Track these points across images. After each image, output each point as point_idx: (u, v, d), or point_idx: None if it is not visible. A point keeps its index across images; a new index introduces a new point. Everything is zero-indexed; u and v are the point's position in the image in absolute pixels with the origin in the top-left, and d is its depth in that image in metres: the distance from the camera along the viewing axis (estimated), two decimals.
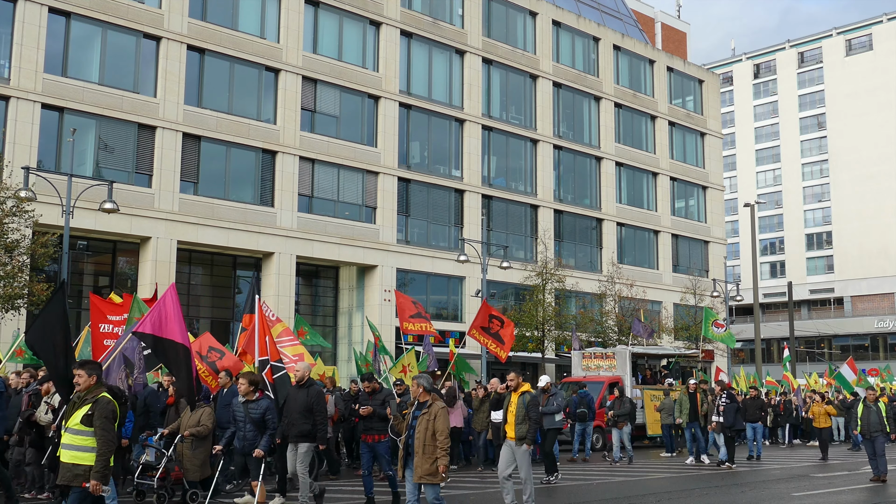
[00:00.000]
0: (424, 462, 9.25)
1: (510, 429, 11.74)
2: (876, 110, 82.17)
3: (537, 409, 11.95)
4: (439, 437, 9.23)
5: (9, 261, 22.63)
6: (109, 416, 7.61)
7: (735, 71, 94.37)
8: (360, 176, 35.88)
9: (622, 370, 26.08)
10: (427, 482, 9.28)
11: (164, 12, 31.22)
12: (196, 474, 11.49)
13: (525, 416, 11.62)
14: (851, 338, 79.81)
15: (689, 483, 16.64)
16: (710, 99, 52.56)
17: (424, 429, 9.31)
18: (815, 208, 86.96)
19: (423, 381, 9.69)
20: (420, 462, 9.28)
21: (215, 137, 32.04)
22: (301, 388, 11.87)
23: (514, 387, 11.91)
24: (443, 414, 9.33)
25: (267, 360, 12.27)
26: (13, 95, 27.62)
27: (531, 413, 11.69)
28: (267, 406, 10.97)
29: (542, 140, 42.43)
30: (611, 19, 49.65)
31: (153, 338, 10.81)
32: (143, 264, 30.43)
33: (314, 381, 12.27)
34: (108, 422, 7.59)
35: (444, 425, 9.28)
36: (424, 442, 9.27)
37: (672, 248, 48.29)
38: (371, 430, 12.86)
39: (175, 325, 10.84)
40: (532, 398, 11.82)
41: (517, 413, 11.65)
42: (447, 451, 9.26)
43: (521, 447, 11.63)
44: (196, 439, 11.39)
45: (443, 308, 38.42)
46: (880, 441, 16.79)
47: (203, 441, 11.40)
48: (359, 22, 36.69)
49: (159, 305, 11.01)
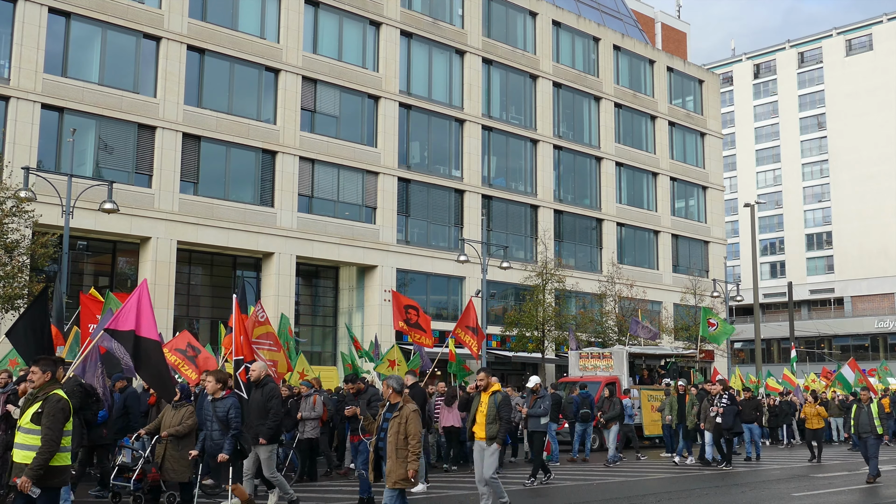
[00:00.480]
0: (398, 467, 8.97)
1: (479, 429, 11.48)
2: (876, 110, 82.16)
3: (510, 408, 11.63)
4: (411, 440, 8.93)
5: (9, 261, 22.63)
6: (58, 414, 7.18)
7: (735, 71, 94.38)
8: (360, 176, 35.88)
9: (619, 370, 26.06)
10: (401, 487, 9.03)
11: (164, 12, 31.22)
12: (176, 476, 11.04)
13: (496, 416, 11.36)
14: (851, 338, 79.80)
15: (689, 483, 16.64)
16: (710, 99, 52.56)
17: (396, 432, 9.01)
18: (815, 208, 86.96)
19: (393, 381, 9.39)
20: (393, 467, 9.01)
21: (215, 137, 32.04)
22: (257, 387, 11.65)
23: (485, 386, 11.64)
24: (414, 417, 9.02)
25: (241, 360, 12.06)
26: (13, 95, 27.62)
27: (503, 413, 11.41)
28: (231, 404, 10.51)
29: (542, 140, 42.43)
30: (611, 19, 49.65)
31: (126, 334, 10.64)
32: (143, 264, 30.43)
33: (270, 380, 12.01)
34: (54, 420, 7.14)
35: (415, 429, 8.97)
36: (396, 446, 8.99)
37: (672, 248, 48.28)
38: (357, 430, 12.78)
39: (147, 321, 10.69)
40: (504, 398, 11.55)
41: (488, 413, 11.41)
42: (418, 455, 8.99)
43: (491, 447, 11.36)
44: (177, 439, 11.00)
45: (443, 308, 38.41)
46: (871, 442, 16.66)
47: (184, 441, 11.04)
48: (359, 22, 36.69)
49: (132, 302, 10.85)
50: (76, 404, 10.55)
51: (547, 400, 16.64)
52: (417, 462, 8.95)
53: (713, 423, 19.66)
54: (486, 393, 11.58)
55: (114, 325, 10.80)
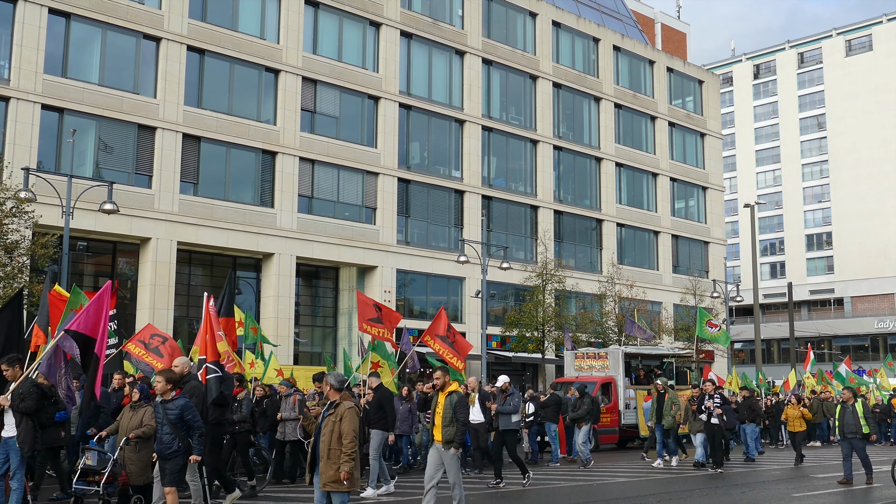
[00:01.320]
0: (329, 467, 8.55)
1: (437, 431, 10.99)
2: (876, 110, 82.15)
3: (466, 410, 11.16)
4: (344, 440, 8.51)
5: (9, 261, 22.63)
6: None
7: (735, 71, 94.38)
8: (360, 176, 35.89)
9: (615, 370, 26.03)
10: (333, 489, 8.57)
11: (164, 13, 31.23)
12: (140, 478, 10.70)
13: (452, 417, 10.88)
14: (851, 338, 79.77)
15: (689, 483, 16.64)
16: (710, 99, 52.58)
17: (330, 431, 8.60)
18: (815, 209, 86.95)
19: (332, 378, 8.93)
20: (325, 467, 8.58)
21: (215, 138, 32.04)
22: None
23: (441, 386, 11.12)
24: (350, 415, 8.59)
25: (204, 359, 11.78)
26: (13, 96, 27.62)
27: (459, 415, 10.92)
28: (184, 405, 10.05)
29: (542, 141, 42.43)
30: (611, 20, 49.67)
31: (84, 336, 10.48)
32: (143, 265, 30.43)
33: (193, 377, 11.52)
34: None
35: (350, 428, 8.56)
36: (330, 445, 8.58)
37: (672, 248, 48.29)
38: None
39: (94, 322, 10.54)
40: (460, 398, 11.05)
41: (444, 414, 10.91)
42: (352, 456, 8.52)
43: (450, 451, 10.93)
44: (140, 441, 10.65)
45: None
46: (857, 443, 16.42)
47: (147, 443, 10.65)
48: (359, 23, 36.70)
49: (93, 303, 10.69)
50: (31, 406, 10.46)
51: (516, 398, 16.37)
52: (351, 463, 8.50)
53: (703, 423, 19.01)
54: (442, 393, 11.09)
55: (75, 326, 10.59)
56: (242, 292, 34.63)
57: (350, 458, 8.51)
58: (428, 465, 11.21)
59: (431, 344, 17.97)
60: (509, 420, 16.11)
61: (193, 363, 12.40)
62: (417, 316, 37.22)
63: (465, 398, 11.27)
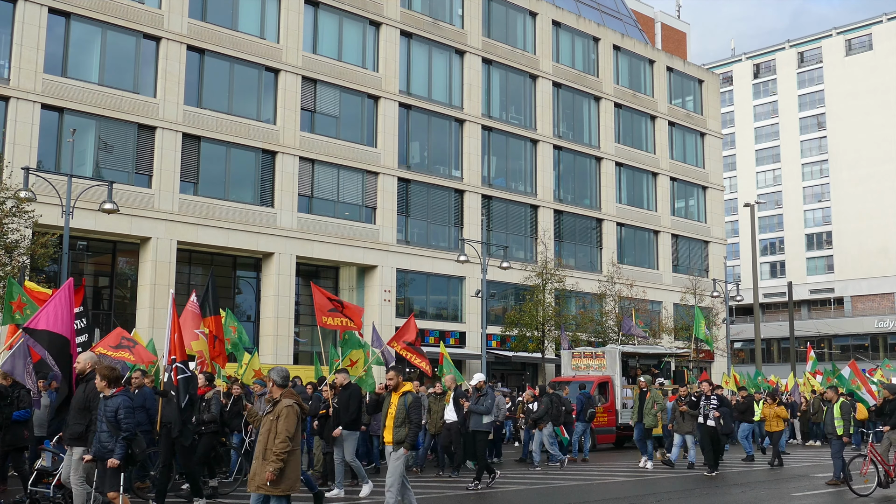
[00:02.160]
0: (263, 469, 8.10)
1: (388, 433, 10.68)
2: (876, 110, 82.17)
3: (419, 410, 10.81)
4: (275, 439, 8.07)
5: (9, 261, 22.63)
6: None
7: (735, 71, 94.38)
8: (360, 176, 35.89)
9: (612, 370, 25.99)
10: (265, 492, 8.11)
11: (164, 12, 31.23)
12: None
13: (405, 418, 10.55)
14: (851, 338, 79.77)
15: (689, 483, 16.64)
16: (710, 99, 52.58)
17: (268, 430, 8.17)
18: (815, 208, 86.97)
19: (276, 374, 8.47)
20: (259, 468, 8.13)
21: (215, 138, 32.05)
22: (80, 381, 10.36)
23: (395, 386, 10.78)
24: (287, 413, 8.15)
25: (174, 359, 11.65)
26: (13, 96, 27.62)
27: (412, 415, 10.59)
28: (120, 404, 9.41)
29: (542, 140, 42.43)
30: (611, 19, 49.66)
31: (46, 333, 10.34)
32: (143, 264, 30.44)
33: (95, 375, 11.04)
34: None
35: (284, 426, 8.09)
36: (266, 445, 8.13)
37: (672, 248, 48.29)
38: None
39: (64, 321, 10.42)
40: (414, 399, 10.70)
41: (396, 415, 10.59)
42: (280, 456, 8.02)
43: (398, 451, 10.56)
44: None
45: (443, 308, 38.43)
46: (834, 444, 16.20)
47: None
48: (359, 22, 36.70)
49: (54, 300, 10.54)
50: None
51: (490, 398, 15.90)
52: (279, 464, 8.03)
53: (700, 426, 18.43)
54: (396, 393, 10.76)
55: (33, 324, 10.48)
56: (242, 292, 34.66)
57: (278, 457, 8.02)
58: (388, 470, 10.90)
59: (397, 348, 17.23)
60: (480, 420, 15.63)
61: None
62: (417, 316, 37.20)
63: (419, 399, 10.94)
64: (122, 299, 31.57)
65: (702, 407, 18.60)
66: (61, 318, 10.48)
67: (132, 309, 30.34)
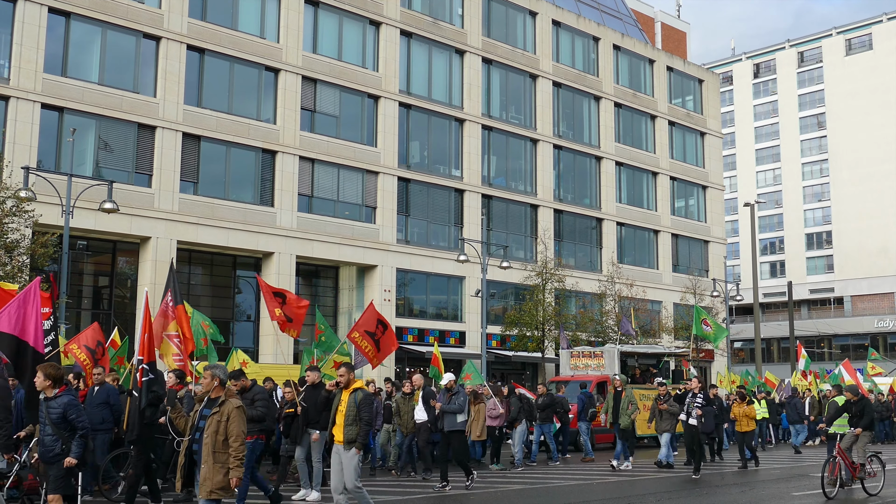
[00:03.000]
0: (216, 473, 7.71)
1: (338, 431, 10.34)
2: (876, 110, 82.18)
3: (370, 408, 10.51)
4: (233, 443, 7.72)
5: (9, 261, 22.63)
6: None
7: (735, 70, 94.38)
8: (360, 176, 35.89)
9: (610, 369, 25.99)
10: (218, 497, 7.77)
11: (164, 12, 31.23)
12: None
13: (356, 416, 10.27)
14: (851, 337, 79.78)
15: (689, 483, 16.64)
16: (710, 98, 52.58)
17: (214, 432, 7.74)
18: (815, 208, 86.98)
19: (219, 371, 8.06)
20: (209, 473, 7.71)
21: (215, 137, 32.05)
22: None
23: (345, 384, 10.45)
24: (237, 415, 7.81)
25: (141, 360, 11.42)
26: (13, 95, 27.62)
27: (363, 413, 10.30)
28: (67, 403, 8.99)
29: (542, 140, 42.44)
30: (611, 19, 49.66)
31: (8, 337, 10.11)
32: (142, 264, 30.44)
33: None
34: None
35: (238, 429, 7.75)
36: (214, 448, 7.72)
37: (672, 247, 48.30)
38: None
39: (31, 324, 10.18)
40: (365, 396, 10.39)
41: (347, 413, 10.29)
42: (242, 460, 7.77)
43: (350, 451, 10.28)
44: None
45: (443, 308, 38.44)
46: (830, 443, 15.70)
47: None
48: (359, 22, 36.70)
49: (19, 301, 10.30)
50: None
51: (461, 396, 15.50)
52: (241, 469, 7.77)
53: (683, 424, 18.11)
54: (346, 391, 10.42)
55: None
56: (242, 292, 34.67)
57: (240, 462, 7.77)
58: (332, 473, 10.55)
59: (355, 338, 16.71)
60: (454, 420, 15.29)
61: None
62: (417, 315, 37.25)
63: (370, 396, 10.74)
64: (122, 299, 31.58)
65: (686, 404, 18.13)
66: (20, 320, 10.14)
67: (132, 309, 30.34)
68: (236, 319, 34.00)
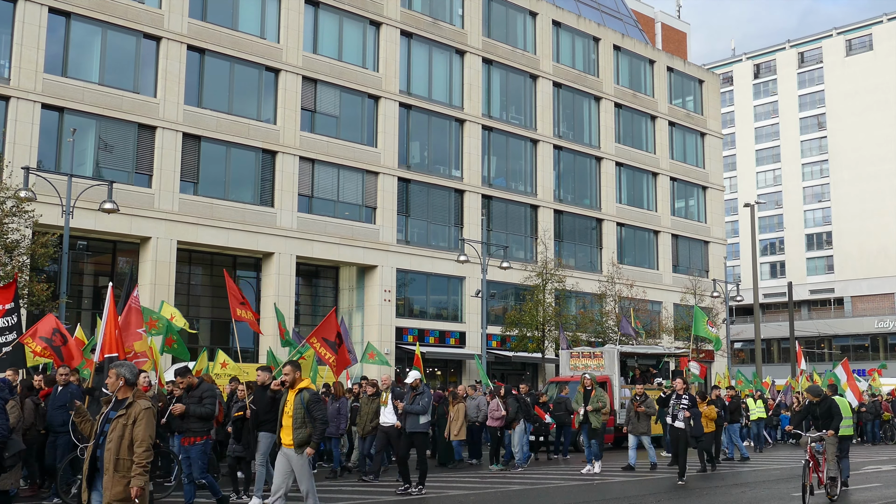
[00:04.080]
0: (117, 482, 6.93)
1: (286, 434, 9.82)
2: (876, 110, 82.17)
3: (321, 406, 9.97)
4: (138, 448, 6.96)
5: (9, 261, 22.63)
6: None
7: (735, 71, 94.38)
8: (360, 176, 35.89)
9: (610, 370, 25.94)
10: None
11: (164, 12, 31.23)
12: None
13: (304, 418, 9.74)
14: (851, 338, 79.78)
15: (689, 483, 16.63)
16: (710, 99, 52.58)
17: (119, 436, 7.00)
18: (815, 208, 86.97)
19: (125, 370, 7.30)
20: (112, 481, 6.93)
21: (215, 137, 32.05)
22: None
23: (291, 383, 9.93)
24: (146, 417, 7.06)
25: (114, 357, 11.19)
26: (13, 95, 27.62)
27: (315, 413, 9.77)
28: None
29: (542, 140, 42.43)
30: (611, 19, 49.66)
31: None
32: (142, 264, 30.44)
33: None
34: None
35: (146, 433, 7.01)
36: (118, 455, 6.97)
37: (672, 248, 48.30)
38: (187, 431, 11.64)
39: None
40: (312, 395, 9.87)
41: (294, 415, 9.75)
42: (146, 467, 6.99)
43: (301, 454, 9.78)
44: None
45: (443, 308, 38.43)
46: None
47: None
48: (359, 22, 36.70)
49: None
50: None
51: (426, 397, 14.68)
52: (146, 476, 6.99)
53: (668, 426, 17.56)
54: (292, 391, 9.90)
55: None
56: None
57: (144, 469, 6.97)
58: (275, 474, 10.01)
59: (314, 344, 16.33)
60: (417, 421, 14.53)
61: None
62: (417, 316, 37.25)
63: (317, 395, 10.16)
64: (122, 299, 31.50)
65: (671, 406, 17.23)
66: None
67: None
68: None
